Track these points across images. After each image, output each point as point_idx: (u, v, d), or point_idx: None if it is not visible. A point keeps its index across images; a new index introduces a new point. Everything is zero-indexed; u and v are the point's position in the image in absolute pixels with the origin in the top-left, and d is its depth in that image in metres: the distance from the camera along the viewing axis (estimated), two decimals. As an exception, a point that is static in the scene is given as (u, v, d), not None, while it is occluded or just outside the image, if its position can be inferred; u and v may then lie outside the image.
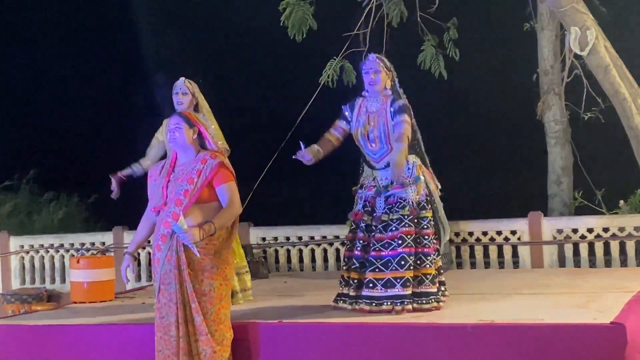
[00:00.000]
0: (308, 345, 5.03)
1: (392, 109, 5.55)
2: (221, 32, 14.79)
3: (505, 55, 11.57)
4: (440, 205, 5.78)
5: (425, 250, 5.48)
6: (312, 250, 9.22)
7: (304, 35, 9.47)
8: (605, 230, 8.23)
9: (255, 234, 9.36)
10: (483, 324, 4.81)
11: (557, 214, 9.31)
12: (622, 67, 8.89)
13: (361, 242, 5.58)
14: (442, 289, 5.66)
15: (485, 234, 8.65)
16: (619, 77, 8.74)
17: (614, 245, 8.17)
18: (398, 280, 5.32)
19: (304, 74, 10.24)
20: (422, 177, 5.61)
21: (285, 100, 11.05)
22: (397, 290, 5.31)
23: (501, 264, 8.60)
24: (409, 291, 5.33)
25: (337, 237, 9.12)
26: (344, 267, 5.70)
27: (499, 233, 8.64)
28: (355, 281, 5.55)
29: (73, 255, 9.67)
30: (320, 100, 9.52)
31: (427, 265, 5.46)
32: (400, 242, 5.37)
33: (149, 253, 9.51)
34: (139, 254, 5.20)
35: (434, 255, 5.53)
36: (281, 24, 9.45)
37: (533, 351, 4.55)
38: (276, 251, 9.29)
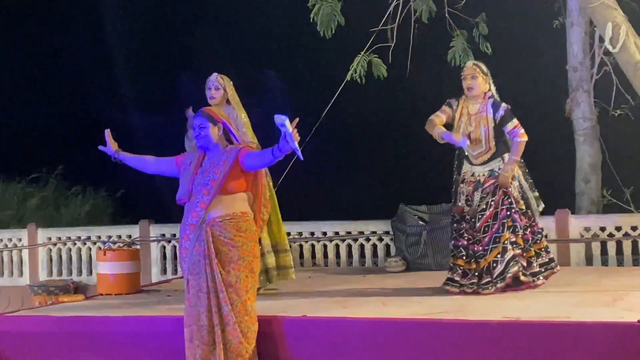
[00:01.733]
0: (332, 339, 5.02)
1: (497, 114, 6.01)
2: (251, 29, 14.83)
3: (533, 51, 11.47)
4: (532, 199, 6.22)
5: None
6: (337, 246, 9.22)
7: (333, 32, 9.47)
8: (634, 228, 8.13)
9: (281, 229, 9.36)
10: (508, 321, 4.79)
11: (584, 212, 9.22)
12: (653, 64, 8.78)
13: (468, 233, 6.08)
14: (551, 266, 6.27)
15: (511, 231, 8.58)
16: (649, 75, 8.64)
17: (643, 244, 8.08)
18: (505, 243, 5.88)
19: (334, 69, 10.24)
20: (515, 174, 6.06)
21: (316, 96, 11.05)
22: (510, 254, 5.89)
23: (527, 262, 8.53)
24: (514, 250, 5.90)
25: (361, 232, 9.11)
26: (452, 255, 6.21)
27: (525, 230, 8.56)
28: (461, 268, 6.06)
29: (100, 248, 9.75)
30: (351, 95, 9.52)
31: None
32: (492, 209, 5.95)
33: (174, 247, 9.56)
34: (120, 160, 5.26)
35: (531, 241, 6.12)
36: (311, 21, 9.47)
37: (558, 349, 4.52)
38: (301, 246, 9.30)
